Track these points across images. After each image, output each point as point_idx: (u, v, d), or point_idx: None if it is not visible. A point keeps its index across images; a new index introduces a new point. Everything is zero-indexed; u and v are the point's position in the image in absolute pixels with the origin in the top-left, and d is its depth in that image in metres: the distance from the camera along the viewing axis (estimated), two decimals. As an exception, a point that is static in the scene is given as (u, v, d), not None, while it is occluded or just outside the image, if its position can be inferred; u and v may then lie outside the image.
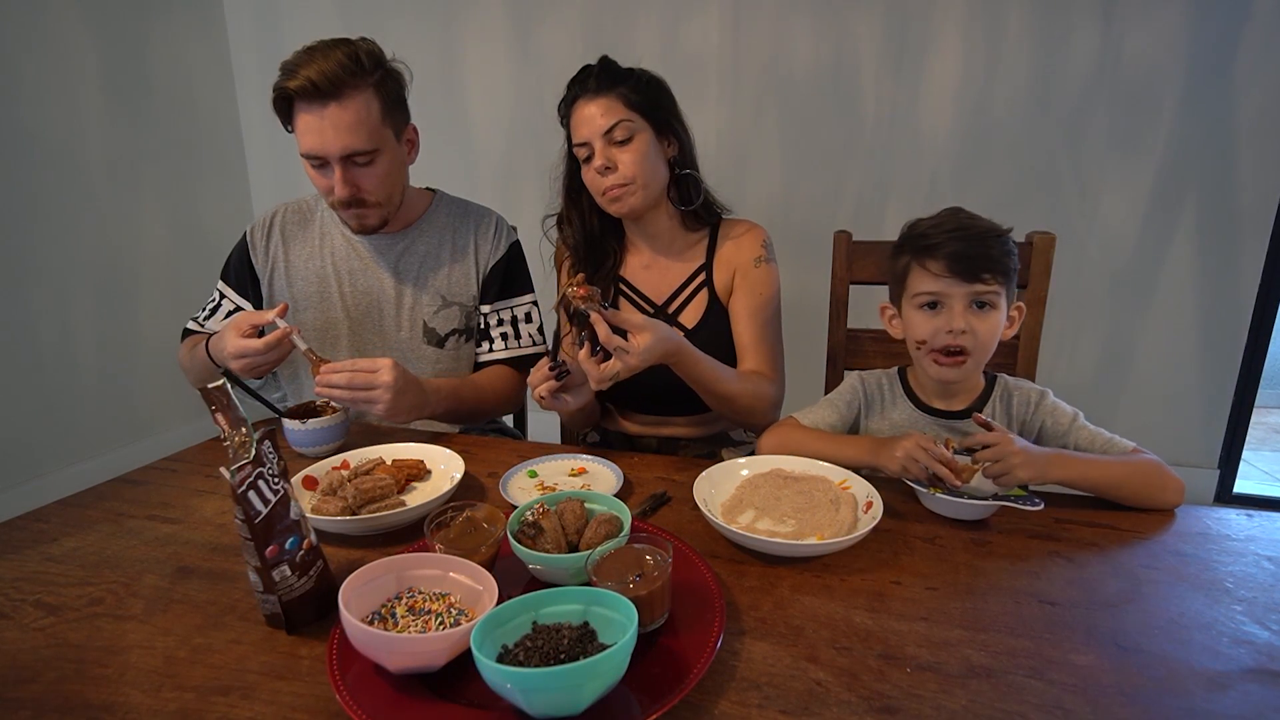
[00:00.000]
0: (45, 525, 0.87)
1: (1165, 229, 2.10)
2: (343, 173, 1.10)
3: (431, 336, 1.27)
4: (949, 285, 0.93)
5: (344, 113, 1.07)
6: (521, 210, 1.38)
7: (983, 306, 0.94)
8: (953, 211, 0.98)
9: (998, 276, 0.92)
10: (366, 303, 1.25)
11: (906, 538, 0.82)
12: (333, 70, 1.05)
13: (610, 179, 1.12)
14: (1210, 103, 1.99)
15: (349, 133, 1.07)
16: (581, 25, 2.40)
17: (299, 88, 1.05)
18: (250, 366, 1.05)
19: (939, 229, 0.95)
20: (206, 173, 2.71)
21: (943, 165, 2.22)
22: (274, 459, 0.66)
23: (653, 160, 1.14)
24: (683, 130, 1.19)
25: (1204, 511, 0.88)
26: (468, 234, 1.29)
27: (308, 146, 1.09)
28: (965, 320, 0.93)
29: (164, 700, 0.58)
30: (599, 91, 1.12)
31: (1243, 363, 2.14)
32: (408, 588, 0.66)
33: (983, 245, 0.92)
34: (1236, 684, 0.59)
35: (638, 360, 0.92)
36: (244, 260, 1.28)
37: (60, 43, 2.20)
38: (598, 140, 1.11)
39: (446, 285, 1.27)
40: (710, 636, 0.62)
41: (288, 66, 1.07)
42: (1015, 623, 0.66)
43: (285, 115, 1.11)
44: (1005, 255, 0.93)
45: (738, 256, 1.22)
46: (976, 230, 0.94)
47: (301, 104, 1.07)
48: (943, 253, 0.93)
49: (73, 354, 2.30)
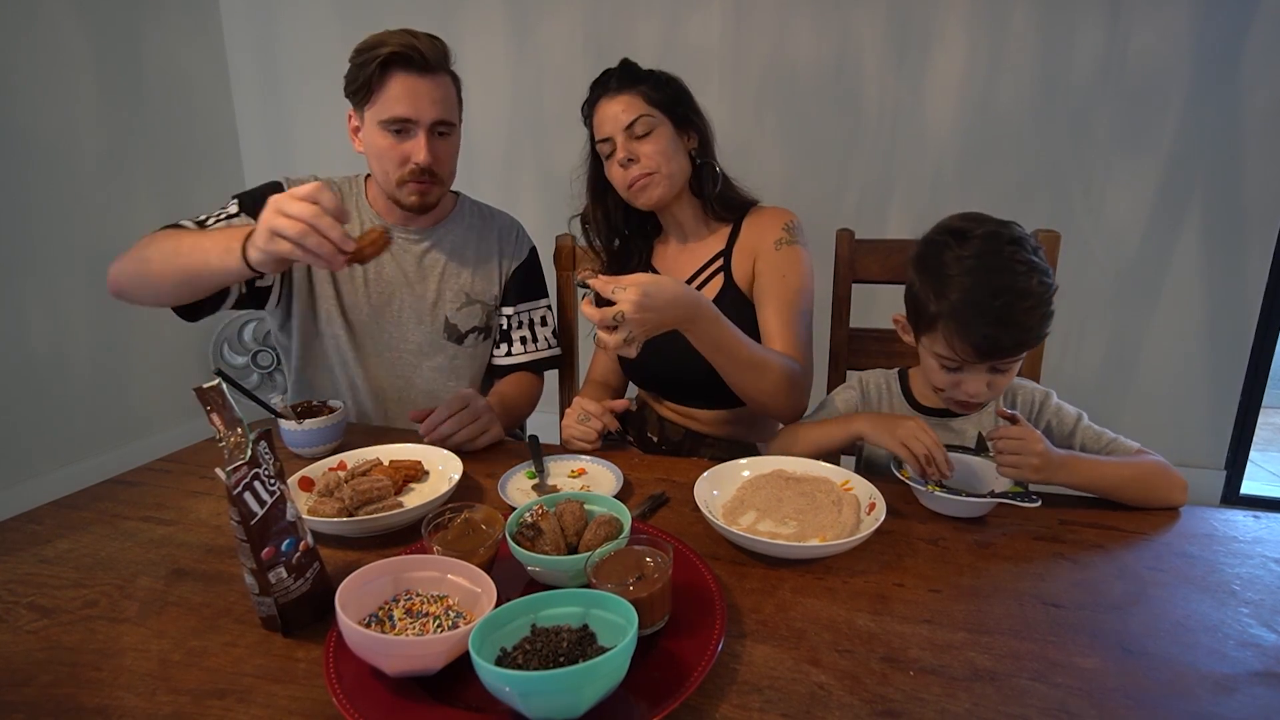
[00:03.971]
0: (39, 527, 0.87)
1: (1171, 227, 2.09)
2: (428, 140, 1.13)
3: (453, 333, 1.28)
4: (971, 361, 0.87)
5: (438, 87, 1.14)
6: (521, 209, 1.37)
7: (1001, 371, 0.89)
8: (990, 254, 0.85)
9: (1023, 350, 0.87)
10: (389, 292, 1.25)
11: (909, 539, 0.81)
12: (433, 48, 1.12)
13: (634, 170, 1.15)
14: (1217, 100, 1.98)
15: (442, 104, 1.14)
16: (581, 22, 2.39)
17: (405, 54, 1.09)
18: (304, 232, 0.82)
19: (968, 296, 0.84)
20: (201, 171, 2.70)
21: (946, 163, 2.21)
22: (270, 460, 0.65)
23: (674, 152, 1.17)
24: (702, 123, 1.23)
25: (1210, 513, 0.87)
26: (491, 236, 1.32)
27: (401, 110, 1.11)
28: (983, 385, 0.89)
29: (159, 704, 0.57)
30: (620, 90, 1.16)
31: (1249, 362, 2.13)
32: (405, 590, 0.65)
33: (1019, 331, 0.83)
34: (1243, 687, 0.58)
35: (637, 294, 0.86)
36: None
37: (55, 40, 2.20)
38: (619, 135, 1.15)
39: (470, 283, 1.29)
40: (711, 639, 0.61)
41: (378, 38, 1.10)
42: (1019, 625, 0.66)
43: (364, 86, 1.12)
44: (1036, 324, 0.84)
45: (757, 241, 1.21)
46: (1010, 309, 0.83)
47: (400, 70, 1.10)
48: (972, 338, 0.84)
49: (66, 353, 2.29)
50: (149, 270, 1.01)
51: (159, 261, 0.99)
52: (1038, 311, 0.84)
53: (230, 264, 0.91)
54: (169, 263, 0.98)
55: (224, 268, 0.92)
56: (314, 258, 0.83)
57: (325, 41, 2.62)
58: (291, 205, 0.82)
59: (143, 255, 1.01)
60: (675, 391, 1.29)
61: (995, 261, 0.85)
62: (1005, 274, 0.84)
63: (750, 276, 1.22)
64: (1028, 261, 0.85)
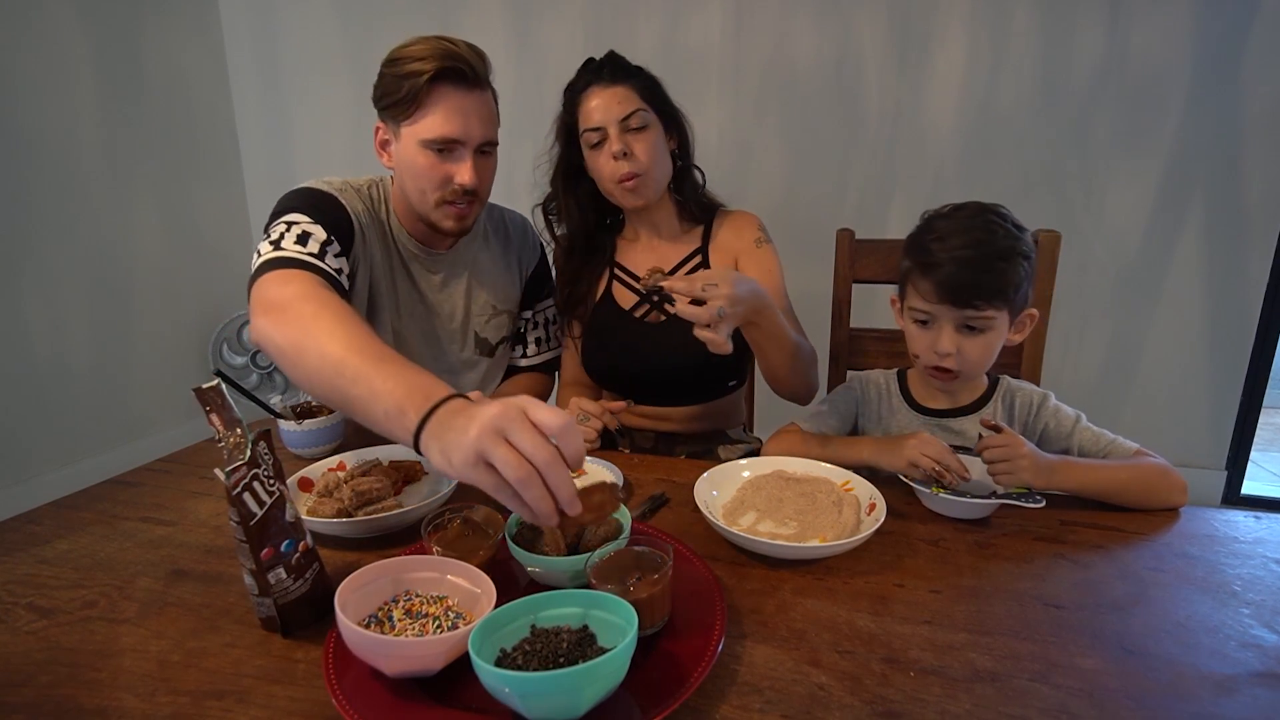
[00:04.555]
0: (38, 527, 0.86)
1: (1171, 227, 2.09)
2: (474, 160, 1.07)
3: (484, 347, 1.25)
4: (939, 309, 0.91)
5: (484, 103, 1.07)
6: (520, 208, 1.37)
7: (973, 330, 0.91)
8: (972, 215, 0.91)
9: (994, 303, 0.89)
10: (418, 312, 1.20)
11: (910, 540, 0.81)
12: (477, 61, 1.05)
13: (628, 166, 1.13)
14: (1217, 100, 1.97)
15: (489, 122, 1.08)
16: (581, 21, 2.39)
17: (454, 69, 1.01)
18: (528, 480, 0.56)
19: (944, 243, 0.89)
20: (202, 171, 2.70)
21: (947, 163, 2.20)
22: (269, 460, 0.65)
23: (662, 152, 1.17)
24: (684, 124, 1.22)
25: (1211, 513, 0.87)
26: (510, 242, 1.29)
27: (449, 130, 1.03)
28: (954, 343, 0.91)
29: (158, 705, 0.57)
30: (614, 80, 1.14)
31: (1250, 362, 2.13)
32: (405, 591, 0.65)
33: (983, 272, 0.87)
34: (1244, 688, 0.58)
35: (729, 288, 0.90)
36: (343, 219, 1.05)
37: (54, 40, 2.20)
38: (613, 126, 1.12)
39: (495, 294, 1.26)
40: (711, 640, 0.61)
41: (418, 49, 1.02)
42: (1020, 626, 0.66)
43: (405, 100, 1.02)
44: (1007, 281, 0.88)
45: (736, 241, 1.23)
46: (981, 253, 0.87)
47: (445, 86, 1.02)
48: (936, 276, 0.89)
49: (66, 353, 2.29)
50: (302, 368, 0.79)
51: (313, 369, 0.77)
52: (1008, 263, 0.88)
53: (394, 432, 0.66)
54: (326, 380, 0.75)
55: (386, 430, 0.68)
56: (521, 507, 0.57)
57: (325, 40, 2.62)
58: (523, 437, 0.56)
59: (300, 342, 0.79)
60: (650, 392, 1.25)
61: (974, 222, 0.90)
62: (981, 230, 0.89)
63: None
64: (1005, 227, 0.90)
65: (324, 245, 0.98)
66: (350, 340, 0.74)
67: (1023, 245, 0.90)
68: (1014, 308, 0.91)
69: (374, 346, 0.73)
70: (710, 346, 0.91)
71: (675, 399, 1.26)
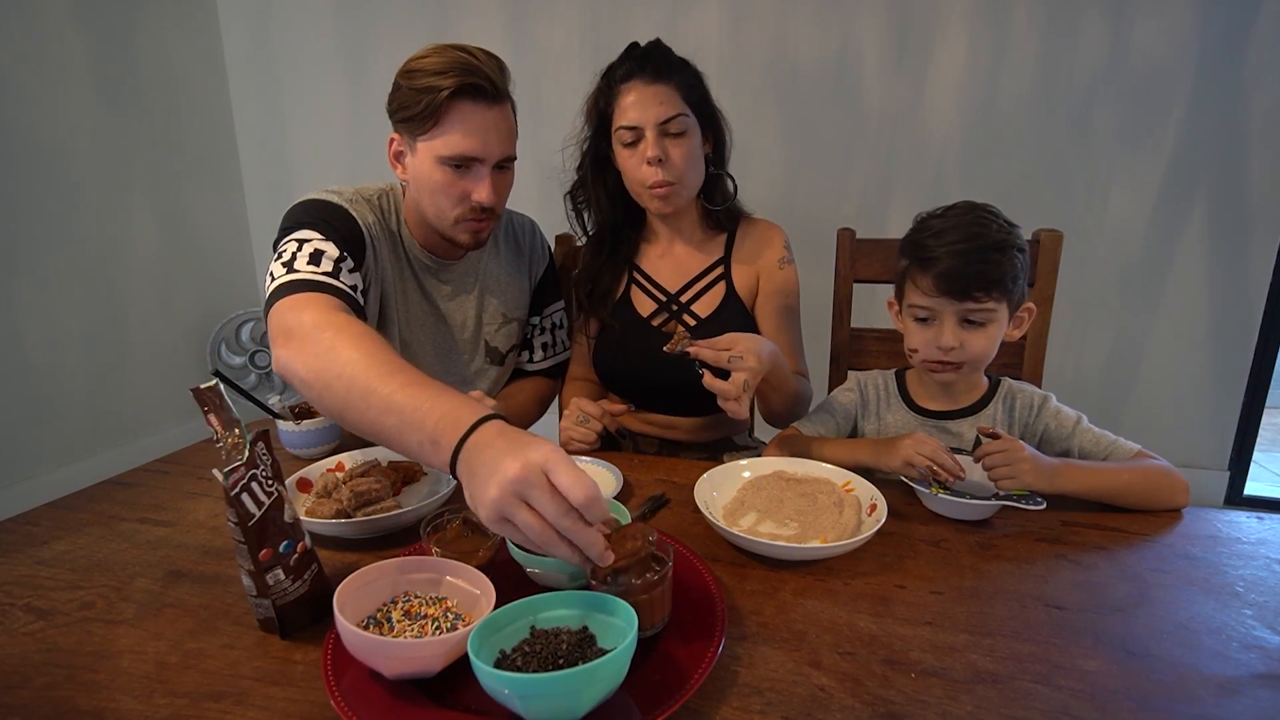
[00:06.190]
0: (35, 528, 0.86)
1: (1174, 226, 2.08)
2: (492, 177, 1.04)
3: (495, 356, 1.24)
4: (939, 303, 0.91)
5: (505, 118, 1.05)
6: (519, 208, 1.36)
7: (975, 323, 0.91)
8: (964, 213, 0.93)
9: (993, 294, 0.89)
10: (429, 323, 1.18)
11: (911, 541, 0.81)
12: (497, 74, 1.02)
13: (662, 174, 1.10)
14: (1220, 98, 1.97)
15: (508, 138, 1.05)
16: (578, 18, 2.38)
17: (476, 85, 0.98)
18: (554, 542, 0.57)
19: (940, 239, 0.90)
20: (198, 171, 2.69)
21: (948, 161, 2.20)
22: (268, 461, 0.65)
23: (696, 159, 1.14)
24: (722, 128, 1.19)
25: (1214, 514, 0.87)
26: (520, 248, 1.27)
27: (467, 148, 1.00)
28: (956, 336, 0.91)
29: (156, 706, 0.57)
30: (658, 78, 1.10)
31: (1253, 362, 2.12)
32: (404, 592, 0.65)
33: (979, 263, 0.88)
34: (1247, 689, 0.58)
35: (756, 361, 0.92)
36: (355, 233, 1.02)
37: (50, 41, 2.19)
38: (651, 129, 1.09)
39: (506, 302, 1.24)
40: (711, 641, 0.61)
41: (436, 61, 0.98)
42: (1021, 627, 0.65)
43: (424, 115, 0.99)
44: (1004, 272, 0.89)
45: (760, 258, 1.22)
46: (977, 245, 0.89)
47: (465, 102, 0.99)
48: (935, 270, 0.90)
49: (62, 354, 2.28)
50: (329, 400, 0.76)
51: (341, 401, 0.74)
52: (1003, 255, 0.89)
53: (430, 462, 0.66)
54: (356, 411, 0.72)
55: (420, 459, 0.67)
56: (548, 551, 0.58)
57: (322, 40, 2.61)
58: (545, 503, 0.55)
59: (322, 374, 0.76)
60: (660, 401, 1.25)
61: (967, 218, 0.92)
62: (975, 225, 0.91)
63: (753, 290, 1.22)
64: (997, 222, 0.92)
65: (337, 263, 0.95)
66: (372, 366, 0.72)
67: (1016, 238, 0.92)
68: (1012, 300, 0.92)
69: (397, 371, 0.72)
70: (729, 414, 0.93)
71: (685, 410, 1.26)
